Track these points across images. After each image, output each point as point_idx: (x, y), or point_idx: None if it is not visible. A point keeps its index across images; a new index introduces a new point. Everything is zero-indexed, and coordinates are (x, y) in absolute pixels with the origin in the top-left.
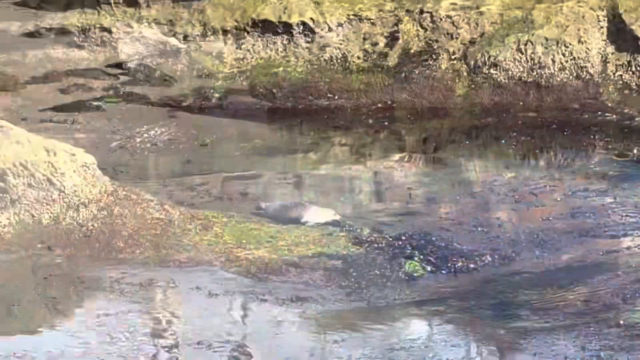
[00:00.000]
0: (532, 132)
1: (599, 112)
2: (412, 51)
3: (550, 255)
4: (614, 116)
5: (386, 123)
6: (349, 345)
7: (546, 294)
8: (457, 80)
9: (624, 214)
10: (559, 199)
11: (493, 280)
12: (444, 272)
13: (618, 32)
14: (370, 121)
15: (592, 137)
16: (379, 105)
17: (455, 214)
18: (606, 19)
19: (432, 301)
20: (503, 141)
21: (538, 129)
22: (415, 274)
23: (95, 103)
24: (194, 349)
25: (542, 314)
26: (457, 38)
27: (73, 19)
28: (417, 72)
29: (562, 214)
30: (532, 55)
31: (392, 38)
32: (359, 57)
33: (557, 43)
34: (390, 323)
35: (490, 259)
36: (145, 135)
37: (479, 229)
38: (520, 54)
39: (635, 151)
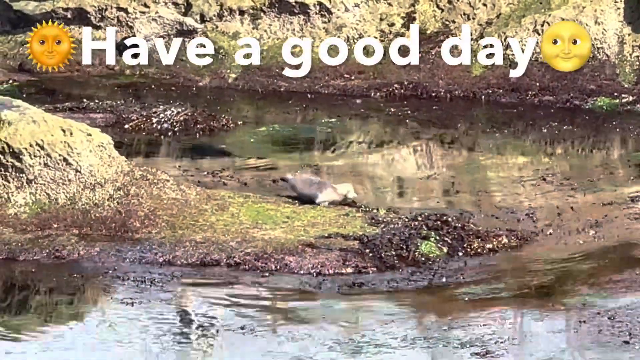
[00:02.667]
0: (570, 120)
1: (615, 94)
2: (428, 32)
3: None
4: (631, 97)
5: (408, 111)
6: (401, 324)
7: (602, 270)
8: (473, 61)
9: None
10: (617, 184)
11: (552, 260)
12: None
13: (635, 13)
14: (384, 105)
15: (637, 121)
16: (395, 86)
17: (508, 201)
18: None
19: (488, 279)
20: (544, 130)
21: (576, 117)
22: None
23: (111, 82)
24: (235, 334)
25: (597, 289)
26: (473, 19)
27: None
28: (433, 52)
29: (623, 200)
30: None
31: (409, 19)
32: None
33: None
34: (446, 302)
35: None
36: (162, 115)
37: (532, 216)
38: (537, 35)
39: None
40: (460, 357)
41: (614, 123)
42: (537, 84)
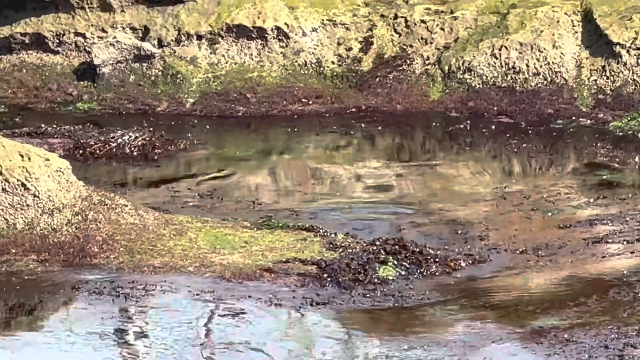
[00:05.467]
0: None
1: (573, 117)
2: (386, 56)
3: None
4: (588, 121)
5: (371, 131)
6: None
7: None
8: (431, 85)
9: None
10: (576, 206)
11: (505, 283)
12: None
13: (592, 37)
14: (340, 131)
15: (594, 144)
16: (353, 109)
17: (469, 218)
18: (581, 23)
19: (445, 302)
20: (515, 151)
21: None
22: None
23: (69, 108)
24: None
25: (554, 312)
26: (431, 43)
27: (47, 24)
28: (391, 77)
29: (580, 222)
30: (507, 60)
31: (367, 43)
32: (333, 62)
33: (532, 48)
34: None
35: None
36: (120, 140)
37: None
38: (494, 59)
39: (637, 159)
40: None
41: (574, 140)
42: (495, 108)
